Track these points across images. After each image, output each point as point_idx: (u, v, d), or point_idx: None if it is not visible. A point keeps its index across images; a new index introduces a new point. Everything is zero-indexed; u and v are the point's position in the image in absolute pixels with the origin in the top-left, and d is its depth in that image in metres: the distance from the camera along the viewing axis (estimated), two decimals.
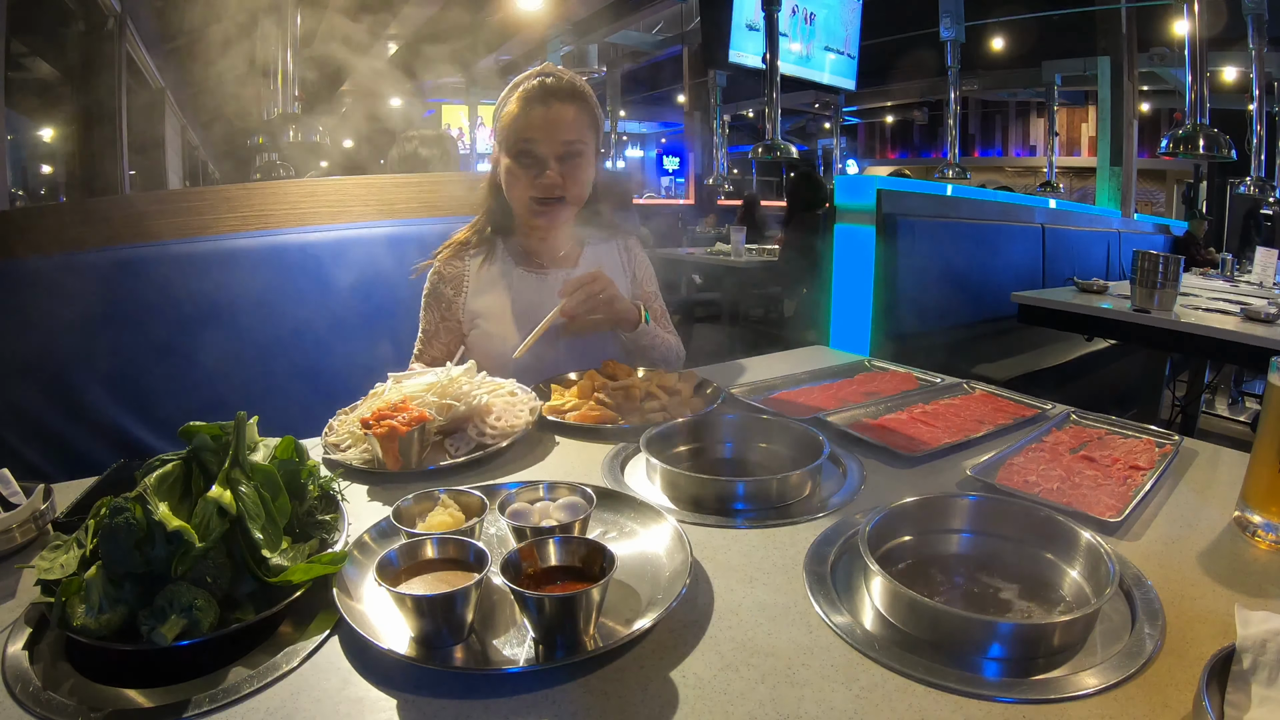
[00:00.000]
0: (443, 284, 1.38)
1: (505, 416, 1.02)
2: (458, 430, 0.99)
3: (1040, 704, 0.52)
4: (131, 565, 0.58)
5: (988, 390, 1.25)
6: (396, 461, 0.90)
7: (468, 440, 0.98)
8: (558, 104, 1.27)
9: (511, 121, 1.28)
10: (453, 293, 1.37)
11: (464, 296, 1.37)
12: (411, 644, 0.58)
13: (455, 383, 1.03)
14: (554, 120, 1.26)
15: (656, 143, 16.41)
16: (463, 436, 0.98)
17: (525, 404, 1.06)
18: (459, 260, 1.39)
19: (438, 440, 0.98)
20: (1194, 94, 3.11)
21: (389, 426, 0.89)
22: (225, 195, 1.58)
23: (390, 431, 0.89)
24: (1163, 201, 11.00)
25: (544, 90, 1.27)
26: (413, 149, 2.41)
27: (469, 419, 0.99)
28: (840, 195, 3.27)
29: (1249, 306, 2.55)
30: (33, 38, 4.15)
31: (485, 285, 1.37)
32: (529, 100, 1.27)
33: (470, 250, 1.40)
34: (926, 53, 6.89)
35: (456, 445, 0.97)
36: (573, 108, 1.28)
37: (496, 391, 1.06)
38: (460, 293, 1.37)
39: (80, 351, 1.38)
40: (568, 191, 1.30)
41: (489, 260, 1.39)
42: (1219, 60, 6.43)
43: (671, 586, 0.64)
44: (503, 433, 0.99)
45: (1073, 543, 0.69)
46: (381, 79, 7.08)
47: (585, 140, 1.30)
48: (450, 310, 1.37)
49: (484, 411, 1.00)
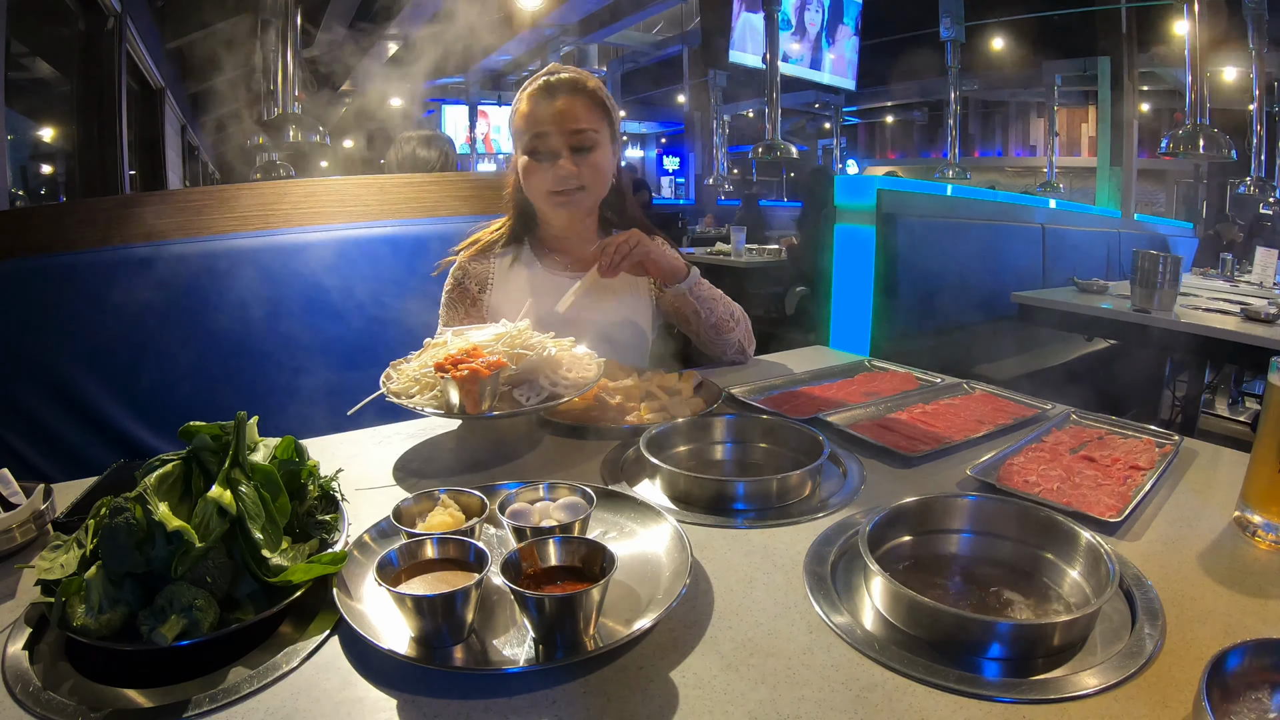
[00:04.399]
0: (468, 280, 1.39)
1: (576, 369, 1.03)
2: (525, 381, 0.99)
3: (1040, 704, 0.52)
4: (131, 565, 0.58)
5: (988, 390, 1.25)
6: (476, 404, 0.90)
7: (539, 390, 0.98)
8: (564, 96, 1.28)
9: (522, 120, 1.31)
10: (478, 290, 1.39)
11: (489, 294, 1.39)
12: (411, 644, 0.58)
13: (522, 334, 1.03)
14: (561, 112, 1.28)
15: (656, 143, 16.40)
16: (534, 386, 0.98)
17: (591, 359, 1.07)
18: (485, 259, 1.41)
19: (505, 390, 0.98)
20: (1194, 94, 3.12)
21: (471, 369, 0.90)
22: (225, 195, 1.58)
23: (473, 374, 0.89)
24: (1163, 201, 10.99)
25: (549, 86, 1.29)
26: (411, 150, 2.41)
27: (539, 370, 0.99)
28: (840, 195, 3.27)
29: (1249, 306, 2.55)
30: (33, 38, 4.15)
31: (510, 284, 1.39)
32: (536, 97, 1.29)
33: (498, 249, 1.42)
34: (926, 53, 6.90)
35: (527, 395, 0.97)
36: (579, 99, 1.29)
37: (562, 346, 1.07)
38: (485, 290, 1.39)
39: (80, 351, 1.38)
40: (584, 180, 1.31)
41: (516, 260, 1.41)
42: (1219, 60, 6.43)
43: (671, 586, 0.64)
44: (574, 384, 1.00)
45: (1073, 543, 0.69)
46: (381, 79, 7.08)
47: (597, 129, 1.31)
48: (474, 308, 1.38)
49: (554, 363, 1.01)
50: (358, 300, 1.59)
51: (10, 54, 3.25)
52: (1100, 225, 4.84)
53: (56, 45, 4.22)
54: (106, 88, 4.05)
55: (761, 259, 5.08)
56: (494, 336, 1.02)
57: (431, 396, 0.94)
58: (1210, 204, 9.15)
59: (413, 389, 0.97)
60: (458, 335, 1.05)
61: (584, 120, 1.29)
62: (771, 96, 4.60)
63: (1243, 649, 0.51)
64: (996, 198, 4.36)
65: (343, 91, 8.11)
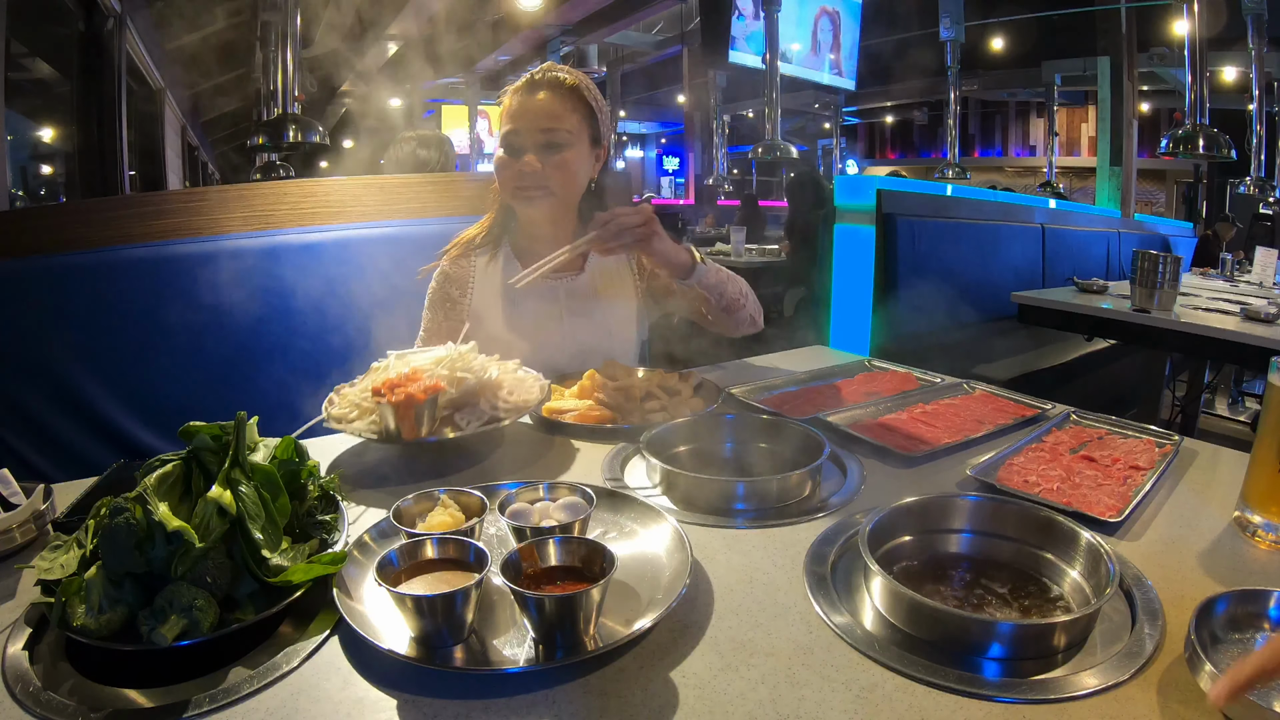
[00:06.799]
0: (449, 284, 1.37)
1: (517, 391, 1.01)
2: (467, 405, 0.97)
3: (1040, 704, 0.52)
4: (131, 565, 0.58)
5: (988, 390, 1.25)
6: (413, 430, 0.89)
7: (480, 414, 0.96)
8: (543, 93, 1.27)
9: (503, 114, 1.30)
10: (458, 293, 1.37)
11: (469, 297, 1.37)
12: (411, 644, 0.58)
13: (464, 357, 1.02)
14: (535, 108, 1.27)
15: (656, 143, 16.41)
16: (474, 410, 0.96)
17: (534, 381, 1.06)
18: (465, 260, 1.39)
19: (445, 414, 0.96)
20: (1194, 94, 3.12)
21: (405, 394, 0.89)
22: (225, 195, 1.58)
23: (407, 399, 0.88)
24: (1163, 201, 10.99)
25: (532, 83, 1.29)
26: (411, 150, 2.41)
27: (480, 393, 0.98)
28: (840, 195, 3.27)
29: (1249, 306, 2.55)
30: (33, 38, 4.15)
31: (489, 285, 1.37)
32: (518, 93, 1.29)
33: (477, 249, 1.40)
34: (926, 53, 6.90)
35: (467, 419, 0.95)
36: (558, 99, 1.28)
37: (504, 369, 1.05)
38: (466, 294, 1.37)
39: (80, 351, 1.38)
40: (550, 179, 1.28)
41: (494, 260, 1.39)
42: (1219, 60, 6.43)
43: (671, 586, 0.64)
44: (515, 407, 0.98)
45: (1073, 543, 0.69)
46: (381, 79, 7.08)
47: (571, 131, 1.28)
48: (455, 310, 1.36)
49: (495, 386, 1.00)
50: (358, 300, 1.58)
51: (10, 54, 3.25)
52: (1100, 225, 4.84)
53: (56, 45, 4.22)
54: (106, 88, 4.06)
55: (761, 259, 5.09)
56: (435, 360, 1.00)
57: (371, 421, 0.93)
58: (1210, 204, 9.14)
59: (352, 414, 0.95)
60: (400, 358, 1.04)
61: (558, 119, 1.27)
62: (771, 96, 4.60)
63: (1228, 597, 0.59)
64: (996, 198, 4.36)
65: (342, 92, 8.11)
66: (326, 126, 2.82)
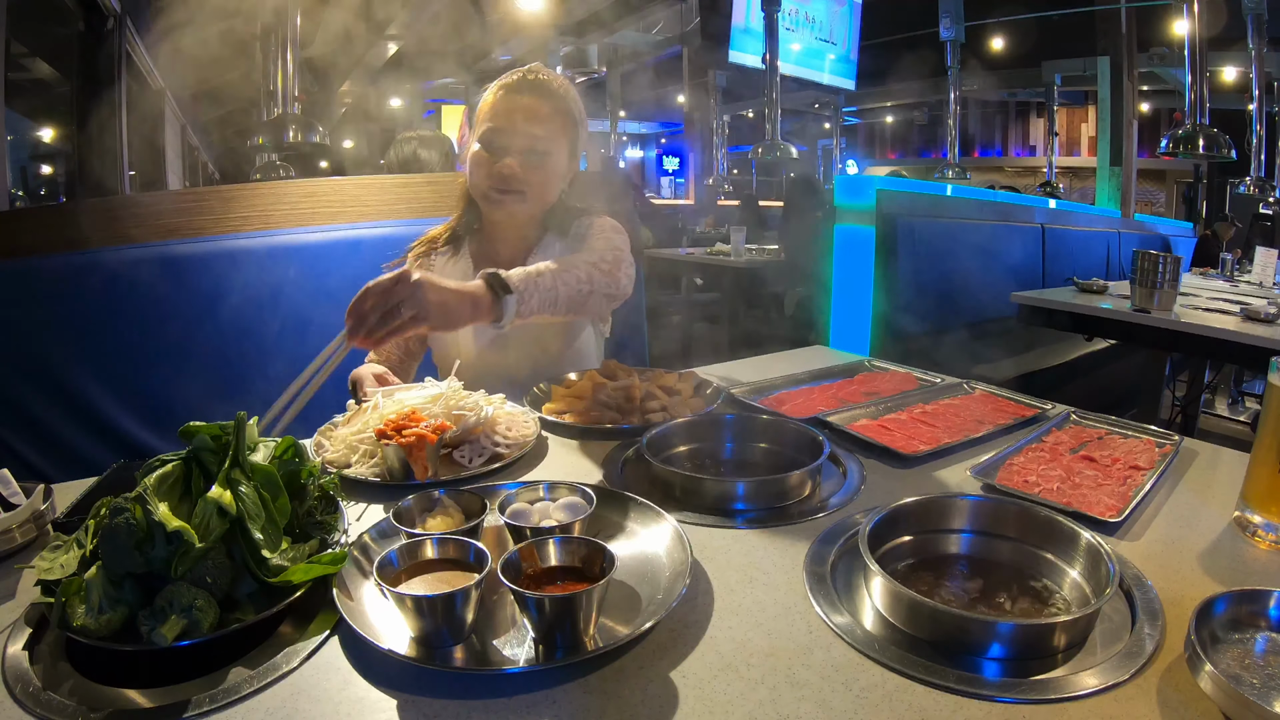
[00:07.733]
0: None
1: (515, 427, 1.02)
2: (465, 441, 0.98)
3: (1040, 704, 0.52)
4: (131, 565, 0.58)
5: (988, 390, 1.25)
6: (425, 470, 0.89)
7: (482, 450, 0.97)
8: (531, 96, 1.26)
9: (485, 109, 1.28)
10: None
11: None
12: (411, 644, 0.58)
13: (457, 395, 1.02)
14: (522, 110, 1.25)
15: (656, 143, 16.40)
16: (476, 447, 0.98)
17: (526, 416, 1.07)
18: (427, 259, 1.38)
19: (444, 453, 0.97)
20: (1194, 94, 3.12)
21: (417, 435, 0.88)
22: (225, 195, 1.58)
23: (420, 440, 0.88)
24: (1163, 201, 10.99)
25: (520, 83, 1.27)
26: (411, 150, 2.41)
27: (478, 430, 0.99)
28: (840, 195, 3.26)
29: (1249, 306, 2.55)
30: (33, 38, 4.15)
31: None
32: (504, 91, 1.27)
33: (439, 247, 1.39)
34: (926, 53, 6.90)
35: (469, 456, 0.96)
36: (546, 104, 1.27)
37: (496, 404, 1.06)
38: None
39: (80, 351, 1.38)
40: (528, 183, 1.27)
41: (454, 260, 1.37)
42: (1219, 60, 6.43)
43: (671, 586, 0.64)
44: (516, 443, 0.99)
45: (1073, 543, 0.69)
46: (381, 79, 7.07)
47: (553, 138, 1.27)
48: None
49: (492, 423, 1.01)
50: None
51: (10, 54, 3.25)
52: (1100, 225, 4.84)
53: (56, 45, 4.22)
54: (106, 88, 4.05)
55: (761, 259, 5.09)
56: (429, 398, 1.01)
57: (374, 463, 0.92)
58: (1210, 204, 9.14)
59: (350, 457, 0.94)
60: (387, 396, 1.03)
61: (542, 125, 1.26)
62: (771, 96, 4.60)
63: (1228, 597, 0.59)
64: (996, 198, 4.36)
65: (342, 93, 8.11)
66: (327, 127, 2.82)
